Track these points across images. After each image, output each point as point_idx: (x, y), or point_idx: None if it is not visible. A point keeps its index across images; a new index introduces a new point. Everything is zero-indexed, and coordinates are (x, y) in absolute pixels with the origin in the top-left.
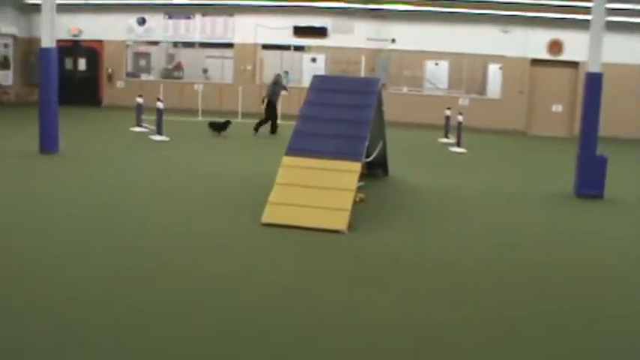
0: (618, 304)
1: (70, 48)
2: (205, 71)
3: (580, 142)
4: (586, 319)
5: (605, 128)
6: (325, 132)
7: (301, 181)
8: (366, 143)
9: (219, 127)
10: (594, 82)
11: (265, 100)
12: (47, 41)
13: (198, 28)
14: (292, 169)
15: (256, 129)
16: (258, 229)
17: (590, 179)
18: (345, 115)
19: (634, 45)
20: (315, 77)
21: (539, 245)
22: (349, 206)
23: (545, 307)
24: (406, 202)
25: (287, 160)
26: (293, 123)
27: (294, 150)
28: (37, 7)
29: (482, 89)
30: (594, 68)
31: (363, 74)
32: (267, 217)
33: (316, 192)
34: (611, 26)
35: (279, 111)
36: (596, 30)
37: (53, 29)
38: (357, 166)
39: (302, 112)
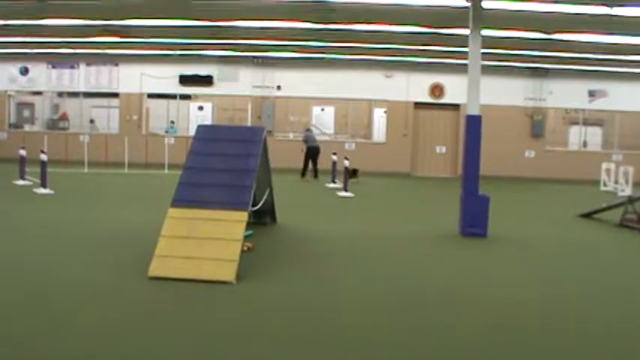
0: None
1: None
2: (92, 121)
3: (463, 182)
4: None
5: (487, 168)
6: (211, 182)
7: (188, 232)
8: (252, 192)
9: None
10: (474, 124)
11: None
12: None
13: (82, 78)
14: (178, 221)
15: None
16: (145, 282)
17: (474, 218)
18: (231, 164)
19: (512, 87)
20: (200, 127)
21: (424, 284)
22: (237, 257)
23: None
24: (294, 249)
25: (172, 211)
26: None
27: (179, 201)
28: None
29: (368, 133)
30: (473, 111)
31: (249, 121)
32: (153, 270)
33: (203, 243)
34: (493, 70)
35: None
36: (474, 74)
37: None
38: (243, 216)
39: (187, 163)
